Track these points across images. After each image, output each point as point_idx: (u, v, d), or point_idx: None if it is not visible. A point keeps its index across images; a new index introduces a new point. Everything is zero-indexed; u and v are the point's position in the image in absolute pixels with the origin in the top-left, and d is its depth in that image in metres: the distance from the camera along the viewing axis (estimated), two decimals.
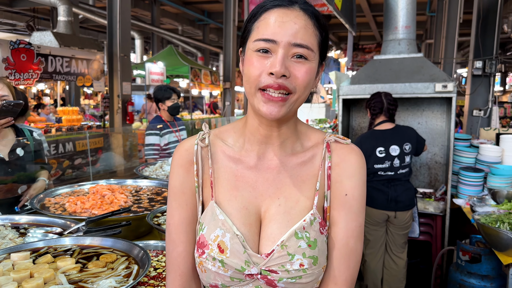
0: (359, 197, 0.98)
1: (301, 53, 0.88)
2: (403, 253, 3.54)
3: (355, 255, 0.97)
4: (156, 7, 14.99)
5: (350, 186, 0.97)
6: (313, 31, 0.90)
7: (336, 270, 0.95)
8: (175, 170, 1.02)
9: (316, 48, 0.91)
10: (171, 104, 4.05)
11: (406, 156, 3.42)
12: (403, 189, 3.41)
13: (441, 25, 9.97)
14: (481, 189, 3.70)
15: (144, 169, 3.10)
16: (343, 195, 0.97)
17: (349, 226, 0.96)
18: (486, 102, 6.28)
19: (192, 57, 18.97)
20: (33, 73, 7.02)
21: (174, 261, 0.99)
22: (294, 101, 0.90)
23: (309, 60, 0.89)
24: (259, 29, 0.90)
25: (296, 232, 0.92)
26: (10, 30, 17.45)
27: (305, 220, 0.93)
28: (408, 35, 4.13)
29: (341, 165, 0.98)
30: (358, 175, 0.98)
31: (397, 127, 3.49)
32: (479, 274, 2.99)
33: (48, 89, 16.86)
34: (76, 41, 8.71)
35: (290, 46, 0.87)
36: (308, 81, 0.90)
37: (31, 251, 1.41)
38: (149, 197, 2.31)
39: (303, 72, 0.88)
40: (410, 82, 3.79)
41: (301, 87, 0.89)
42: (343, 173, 0.97)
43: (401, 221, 3.44)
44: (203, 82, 12.01)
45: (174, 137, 4.11)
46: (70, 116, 8.94)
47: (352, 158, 0.98)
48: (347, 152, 0.99)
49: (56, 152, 5.86)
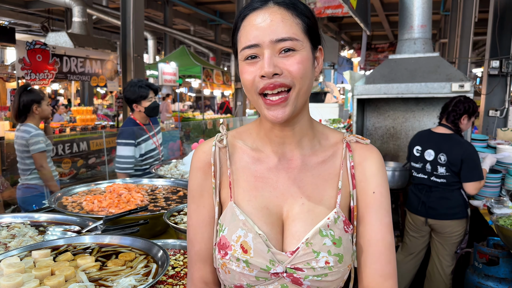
0: (386, 194, 1.00)
1: (287, 46, 0.87)
2: (448, 267, 3.35)
3: (393, 249, 0.99)
4: (168, 7, 15.07)
5: (376, 184, 0.99)
6: (292, 20, 0.88)
7: (378, 264, 0.96)
8: (193, 172, 1.03)
9: (302, 36, 0.89)
10: (149, 104, 3.28)
11: (439, 166, 3.23)
12: (438, 196, 3.26)
13: (456, 24, 9.84)
14: (498, 191, 3.64)
15: (159, 169, 3.11)
16: (371, 193, 0.98)
17: (383, 222, 0.97)
18: (503, 102, 6.17)
19: (204, 57, 19.03)
20: (48, 73, 7.12)
21: (192, 259, 1.03)
22: (296, 95, 0.89)
23: (298, 50, 0.88)
24: (241, 38, 0.90)
25: (320, 229, 0.92)
26: (26, 31, 17.72)
27: (329, 218, 0.93)
28: (424, 34, 4.08)
29: (363, 164, 0.99)
30: (382, 173, 1.00)
31: (448, 135, 3.25)
32: (496, 277, 2.94)
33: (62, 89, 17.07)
34: (90, 42, 8.81)
35: (274, 43, 0.86)
36: (303, 70, 0.88)
37: (51, 249, 1.42)
38: (164, 196, 2.32)
39: (295, 63, 0.87)
40: (426, 81, 3.75)
41: (297, 78, 0.87)
42: (367, 172, 0.99)
43: (439, 229, 3.32)
44: (215, 82, 12.04)
45: (152, 145, 3.34)
46: (84, 116, 9.03)
47: (373, 158, 1.00)
48: (368, 152, 1.01)
49: (70, 152, 5.93)
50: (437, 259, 3.39)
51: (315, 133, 1.01)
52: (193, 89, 19.25)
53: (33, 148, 3.40)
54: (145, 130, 3.32)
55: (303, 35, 0.89)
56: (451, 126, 3.28)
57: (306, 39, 0.90)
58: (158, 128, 3.51)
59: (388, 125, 4.53)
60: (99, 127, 8.48)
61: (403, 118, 4.46)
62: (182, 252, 1.60)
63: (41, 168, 3.43)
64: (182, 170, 2.99)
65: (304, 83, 0.89)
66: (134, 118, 3.33)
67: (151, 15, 15.97)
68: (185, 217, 1.89)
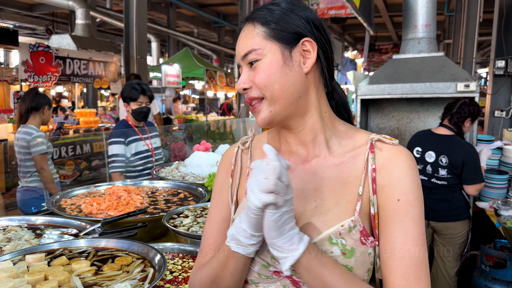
0: (415, 202, 0.87)
1: (251, 59, 0.90)
2: (452, 269, 3.30)
3: (424, 264, 0.86)
4: (172, 10, 15.10)
5: (402, 190, 0.87)
6: (253, 33, 0.91)
7: (404, 281, 0.84)
8: (218, 171, 1.09)
9: (263, 43, 0.90)
10: (136, 108, 3.26)
11: (440, 168, 3.18)
12: (439, 198, 3.21)
13: (460, 24, 9.77)
14: (505, 192, 3.58)
15: (160, 170, 3.08)
16: (395, 201, 0.87)
17: (409, 234, 0.85)
18: (508, 103, 6.10)
19: (207, 59, 19.04)
20: (51, 75, 7.12)
21: (204, 249, 1.05)
22: (269, 102, 0.90)
23: (261, 59, 0.89)
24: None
25: (330, 236, 0.86)
26: (30, 34, 17.81)
27: (343, 225, 0.87)
28: (428, 34, 4.04)
29: (388, 168, 0.89)
30: (410, 178, 0.88)
31: (449, 136, 3.21)
32: (504, 280, 2.88)
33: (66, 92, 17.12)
34: (93, 44, 8.82)
35: (243, 60, 0.92)
36: (265, 77, 0.88)
37: (46, 253, 1.38)
38: (165, 199, 2.29)
39: (257, 74, 0.89)
40: (431, 81, 3.70)
41: (262, 87, 0.89)
42: (391, 176, 0.88)
43: (442, 232, 3.27)
44: (218, 84, 12.03)
45: (144, 146, 3.33)
46: (87, 118, 9.03)
47: (400, 160, 0.89)
48: (394, 153, 0.90)
49: (73, 154, 5.92)
50: (441, 261, 3.33)
51: (334, 132, 0.96)
52: (197, 91, 19.25)
53: (35, 150, 3.38)
54: (137, 131, 3.34)
55: (265, 41, 0.90)
56: (454, 127, 3.22)
57: (270, 43, 0.89)
58: (154, 132, 3.50)
59: (393, 125, 4.48)
60: (102, 129, 8.47)
61: (407, 119, 4.41)
62: (180, 256, 1.57)
63: (42, 170, 3.41)
64: (184, 172, 2.95)
65: (273, 88, 0.89)
66: (127, 119, 3.38)
67: (155, 17, 16.00)
68: (184, 220, 1.85)
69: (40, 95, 3.64)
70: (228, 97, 18.17)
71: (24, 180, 3.44)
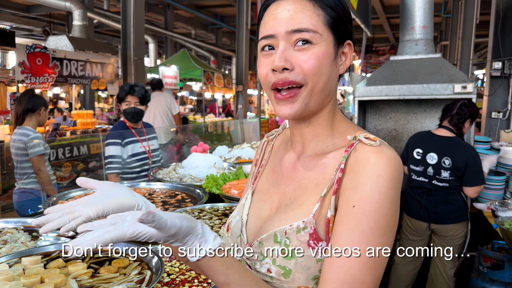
0: (371, 213, 0.75)
1: (303, 38, 0.82)
2: (451, 269, 3.29)
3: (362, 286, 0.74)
4: (169, 11, 15.08)
5: (360, 197, 0.76)
6: (313, 11, 0.83)
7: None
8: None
9: (322, 29, 0.83)
10: (125, 108, 3.24)
11: (443, 170, 3.16)
12: (440, 200, 3.19)
13: (457, 26, 9.81)
14: (502, 193, 3.59)
15: (158, 172, 3.07)
16: (350, 207, 0.77)
17: (353, 247, 0.74)
18: (505, 104, 6.12)
19: (205, 60, 19.04)
20: (48, 76, 7.10)
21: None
22: (308, 93, 0.83)
23: (315, 43, 0.82)
24: (261, 28, 0.88)
25: (276, 234, 0.84)
26: (27, 35, 17.77)
27: (292, 225, 0.82)
28: (426, 35, 4.04)
29: (355, 169, 0.79)
30: (374, 184, 0.76)
31: (451, 138, 3.19)
32: (502, 281, 2.88)
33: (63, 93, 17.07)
34: (90, 45, 8.80)
35: (289, 34, 0.82)
36: (317, 67, 0.82)
37: (43, 255, 1.37)
38: (162, 200, 2.28)
39: (309, 59, 0.82)
40: (428, 83, 3.70)
41: (309, 76, 0.82)
42: (355, 179, 0.78)
43: (442, 233, 3.25)
44: (216, 85, 12.01)
45: (141, 148, 3.30)
46: (84, 120, 9.01)
47: (370, 163, 0.78)
48: (367, 155, 0.79)
49: (70, 155, 5.90)
50: (440, 261, 3.33)
51: (333, 133, 0.91)
52: (194, 92, 19.22)
53: (32, 151, 3.36)
54: (134, 133, 3.30)
55: (324, 27, 0.83)
56: (454, 129, 3.22)
57: (327, 32, 0.84)
58: (152, 134, 3.47)
59: (390, 127, 4.48)
60: (100, 130, 8.45)
61: (405, 120, 4.41)
62: None
63: (39, 172, 3.39)
64: (181, 174, 2.94)
65: (319, 80, 0.83)
66: (124, 120, 3.36)
67: (152, 18, 15.98)
68: None
69: (36, 96, 3.63)
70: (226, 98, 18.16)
71: (21, 182, 3.42)
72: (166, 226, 0.66)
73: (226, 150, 3.84)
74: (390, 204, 0.76)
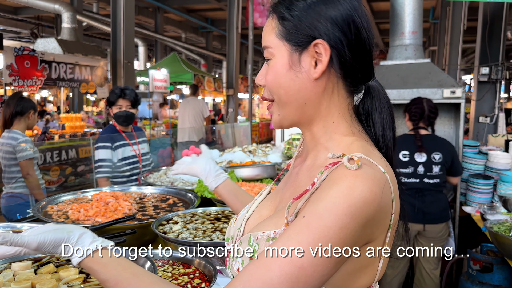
0: (315, 230, 0.70)
1: (265, 56, 0.87)
2: (436, 270, 3.33)
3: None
4: (159, 14, 15.05)
5: (312, 210, 0.73)
6: (270, 27, 0.86)
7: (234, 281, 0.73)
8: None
9: (275, 41, 0.84)
10: (116, 111, 3.21)
11: (434, 165, 3.23)
12: (431, 200, 3.24)
13: (445, 32, 9.95)
14: (491, 197, 3.64)
15: (149, 176, 3.05)
16: (301, 216, 0.74)
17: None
18: (493, 109, 6.22)
19: (195, 64, 19.01)
20: (36, 79, 7.02)
21: None
22: (277, 106, 0.87)
23: (272, 58, 0.85)
24: None
25: (250, 237, 0.85)
26: (15, 37, 17.56)
27: (264, 232, 0.82)
28: (415, 41, 4.09)
29: (323, 186, 0.76)
30: (331, 204, 0.71)
31: (432, 135, 3.32)
32: (491, 284, 2.92)
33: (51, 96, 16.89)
34: (80, 48, 8.73)
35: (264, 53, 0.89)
36: (273, 79, 0.84)
37: (33, 261, 1.35)
38: (153, 205, 2.26)
39: (268, 74, 0.86)
40: (418, 88, 3.74)
41: (272, 90, 0.86)
42: (319, 194, 0.75)
43: (431, 234, 3.27)
44: (206, 89, 12.01)
45: (131, 151, 3.27)
46: (73, 123, 8.92)
47: (337, 183, 0.73)
48: (340, 175, 0.74)
49: (59, 159, 5.83)
50: (426, 262, 3.36)
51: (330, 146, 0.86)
52: (184, 95, 19.18)
53: (21, 155, 3.32)
54: (124, 137, 3.27)
55: (276, 40, 0.84)
56: (430, 128, 3.37)
57: (281, 42, 0.84)
58: (142, 138, 3.43)
59: None
60: (88, 134, 8.37)
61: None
62: (171, 263, 1.55)
63: (28, 176, 3.35)
64: (172, 178, 2.93)
65: (279, 93, 0.84)
66: (114, 124, 3.32)
67: (142, 22, 15.92)
68: (174, 226, 1.83)
69: (24, 99, 3.59)
70: (217, 102, 18.14)
71: (9, 186, 3.38)
72: (24, 243, 0.80)
73: (217, 154, 3.83)
74: (339, 230, 0.70)
